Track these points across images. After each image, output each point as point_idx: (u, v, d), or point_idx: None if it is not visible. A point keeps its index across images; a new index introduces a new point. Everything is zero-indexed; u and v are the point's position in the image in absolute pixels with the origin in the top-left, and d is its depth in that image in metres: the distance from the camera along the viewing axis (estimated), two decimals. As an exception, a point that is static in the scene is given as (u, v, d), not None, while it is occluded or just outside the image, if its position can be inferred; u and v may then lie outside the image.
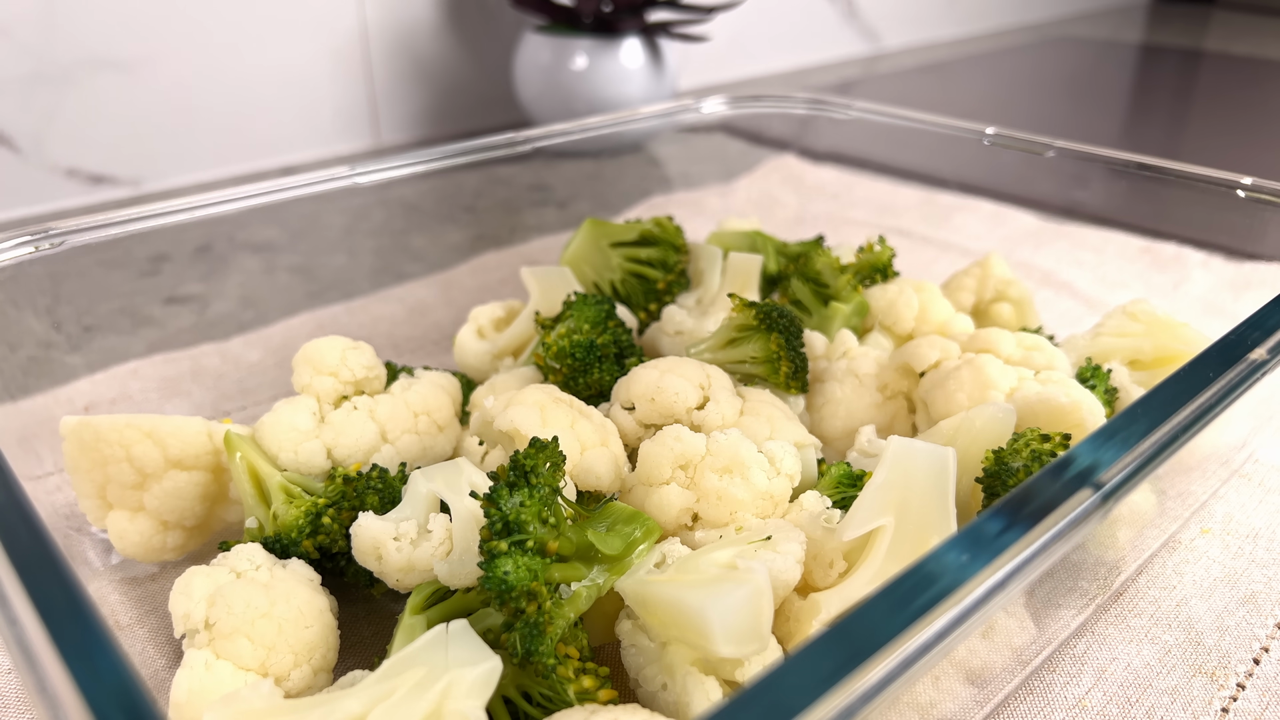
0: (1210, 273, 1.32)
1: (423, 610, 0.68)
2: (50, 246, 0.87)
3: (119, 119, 1.69)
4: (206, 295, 1.33)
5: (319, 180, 1.04)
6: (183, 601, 0.66)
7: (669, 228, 1.13)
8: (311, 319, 1.26)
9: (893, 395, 0.91)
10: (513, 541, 0.62)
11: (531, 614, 0.60)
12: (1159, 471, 0.53)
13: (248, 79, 1.81)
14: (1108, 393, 0.86)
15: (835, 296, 1.04)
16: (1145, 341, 0.93)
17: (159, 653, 0.73)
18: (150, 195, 1.75)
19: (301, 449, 0.80)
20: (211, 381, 1.11)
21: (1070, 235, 1.45)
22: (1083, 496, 0.49)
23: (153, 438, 0.78)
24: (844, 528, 0.64)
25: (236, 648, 0.63)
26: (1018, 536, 0.46)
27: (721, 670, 0.61)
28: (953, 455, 0.63)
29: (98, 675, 0.39)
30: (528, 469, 0.63)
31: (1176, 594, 0.79)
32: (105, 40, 1.63)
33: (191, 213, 0.95)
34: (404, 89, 2.03)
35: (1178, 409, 0.56)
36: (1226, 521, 0.87)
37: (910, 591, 0.42)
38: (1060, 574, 0.65)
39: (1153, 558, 0.82)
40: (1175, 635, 0.75)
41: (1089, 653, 0.73)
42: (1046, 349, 0.89)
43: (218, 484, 0.81)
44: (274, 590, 0.67)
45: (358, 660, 0.73)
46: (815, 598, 0.63)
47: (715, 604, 0.57)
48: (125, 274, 1.36)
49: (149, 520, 0.77)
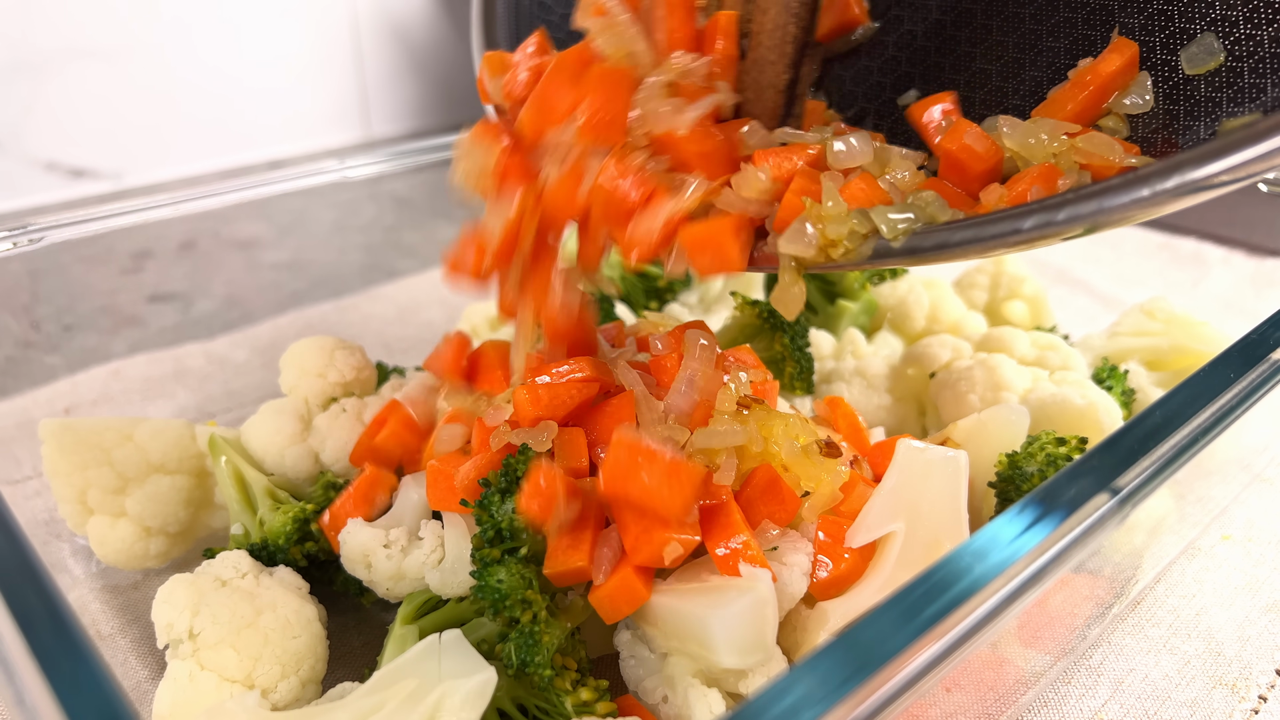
0: (1231, 269, 1.32)
1: (414, 620, 0.68)
2: (29, 242, 0.87)
3: (100, 110, 1.69)
4: (190, 293, 1.33)
5: (307, 174, 1.04)
6: (166, 610, 0.66)
7: (670, 223, 1.13)
8: (299, 318, 1.26)
9: (902, 397, 0.91)
10: (506, 549, 0.62)
11: (526, 624, 0.60)
12: (1178, 476, 0.53)
13: (234, 69, 1.81)
14: (1125, 394, 0.86)
15: (843, 294, 1.04)
16: (1163, 341, 0.93)
17: (141, 664, 0.72)
18: (132, 189, 1.75)
19: (288, 453, 0.80)
20: (196, 383, 1.11)
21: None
22: (1099, 501, 0.49)
23: (135, 441, 0.78)
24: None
25: (221, 658, 0.63)
26: (1032, 543, 0.46)
27: (724, 682, 0.60)
28: (965, 459, 0.63)
29: (78, 687, 0.39)
30: (518, 475, 0.63)
31: (1196, 603, 0.79)
32: (86, 28, 1.63)
33: (175, 207, 0.95)
34: (396, 79, 2.03)
35: (1197, 411, 0.56)
36: (1248, 527, 0.87)
37: (921, 600, 0.42)
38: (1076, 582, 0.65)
39: (1171, 565, 0.82)
40: (1195, 645, 0.74)
41: (1106, 663, 0.73)
42: (1061, 349, 0.89)
43: (202, 489, 0.81)
44: (260, 599, 0.67)
45: (347, 672, 0.73)
46: (823, 606, 0.63)
47: (717, 613, 0.57)
48: (106, 271, 1.36)
49: (131, 526, 0.77)
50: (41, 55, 1.61)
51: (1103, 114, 0.60)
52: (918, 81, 0.72)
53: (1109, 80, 0.59)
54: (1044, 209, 0.51)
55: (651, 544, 0.59)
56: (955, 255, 0.54)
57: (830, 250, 0.57)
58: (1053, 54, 0.65)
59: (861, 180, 0.59)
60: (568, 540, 0.62)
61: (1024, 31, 0.66)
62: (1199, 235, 1.40)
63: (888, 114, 0.72)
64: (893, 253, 0.56)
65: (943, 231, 0.55)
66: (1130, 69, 0.59)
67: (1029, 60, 0.66)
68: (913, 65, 0.72)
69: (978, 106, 0.68)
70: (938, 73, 0.70)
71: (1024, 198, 0.55)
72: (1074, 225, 0.49)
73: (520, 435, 0.65)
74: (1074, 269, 1.36)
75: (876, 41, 0.74)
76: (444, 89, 2.12)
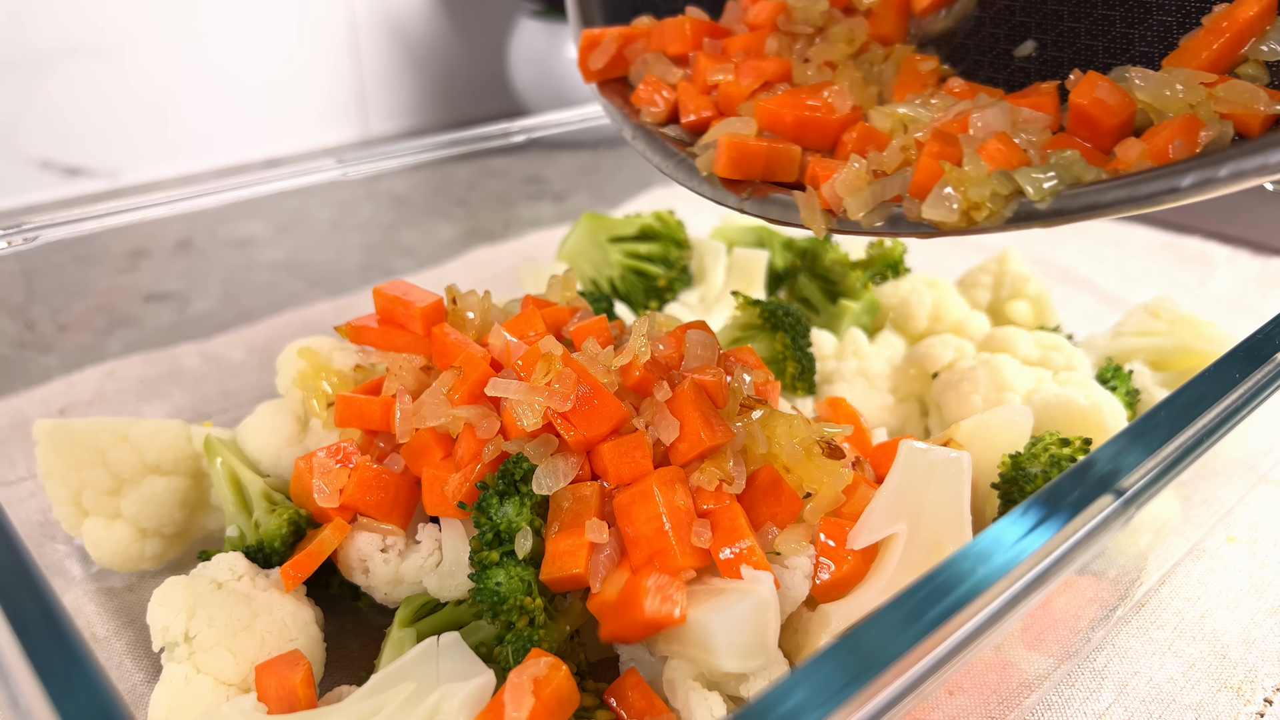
0: (1236, 269, 1.32)
1: (412, 623, 0.68)
2: (23, 241, 0.87)
3: (95, 108, 1.69)
4: (187, 292, 1.33)
5: (305, 172, 1.04)
6: (161, 613, 0.65)
7: (670, 222, 1.13)
8: (296, 317, 1.26)
9: (905, 397, 0.91)
10: (504, 551, 0.62)
11: (524, 626, 0.60)
12: (1183, 477, 0.53)
13: (230, 66, 1.81)
14: (1129, 394, 0.86)
15: (845, 294, 1.04)
16: (1168, 341, 0.93)
17: (137, 666, 0.72)
18: (128, 188, 1.75)
19: (285, 454, 0.80)
20: (192, 383, 1.11)
21: (1090, 230, 1.45)
22: (1104, 503, 0.49)
23: (130, 442, 0.78)
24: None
25: (218, 661, 0.63)
26: (1036, 545, 0.46)
27: (725, 685, 0.60)
28: (968, 460, 0.63)
29: (73, 690, 0.39)
30: (517, 477, 0.63)
31: (1201, 605, 0.79)
32: (81, 26, 1.63)
33: (171, 206, 0.95)
34: (393, 77, 2.03)
35: (1203, 412, 0.56)
36: (1254, 529, 0.87)
37: (924, 602, 0.42)
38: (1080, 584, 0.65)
39: (1176, 567, 0.82)
40: (1200, 648, 0.74)
41: (1110, 666, 0.73)
42: (1065, 349, 0.89)
43: (198, 490, 0.81)
44: (256, 602, 0.67)
45: (344, 675, 0.73)
46: (825, 609, 0.63)
47: (719, 617, 0.57)
48: (102, 270, 1.36)
49: (126, 528, 0.77)
50: (37, 53, 1.61)
51: (1239, 61, 0.57)
52: (1034, 31, 0.69)
53: (1247, 25, 0.56)
54: (1203, 165, 0.49)
55: (663, 569, 0.61)
56: (1103, 214, 0.53)
57: (973, 213, 0.56)
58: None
59: (999, 140, 0.58)
60: (565, 545, 0.61)
61: None
62: (1204, 234, 1.40)
63: (1003, 66, 0.70)
64: (1037, 214, 0.55)
65: (1091, 192, 0.54)
66: (1269, 13, 0.56)
67: (1155, 3, 0.63)
68: (1028, 14, 0.70)
69: (1101, 55, 0.65)
70: (1055, 21, 0.68)
71: (1164, 151, 0.53)
72: (1238, 181, 0.48)
73: (516, 445, 0.65)
74: (1078, 268, 1.36)
75: None
76: (442, 86, 2.12)
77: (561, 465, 0.64)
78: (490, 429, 0.66)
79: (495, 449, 0.65)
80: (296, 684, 0.61)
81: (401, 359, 0.77)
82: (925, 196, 0.58)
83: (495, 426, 0.66)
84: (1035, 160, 0.58)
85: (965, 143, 0.59)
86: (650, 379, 0.67)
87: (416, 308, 0.79)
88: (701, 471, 0.64)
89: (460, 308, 0.80)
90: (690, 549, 0.61)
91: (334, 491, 0.71)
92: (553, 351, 0.66)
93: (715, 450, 0.65)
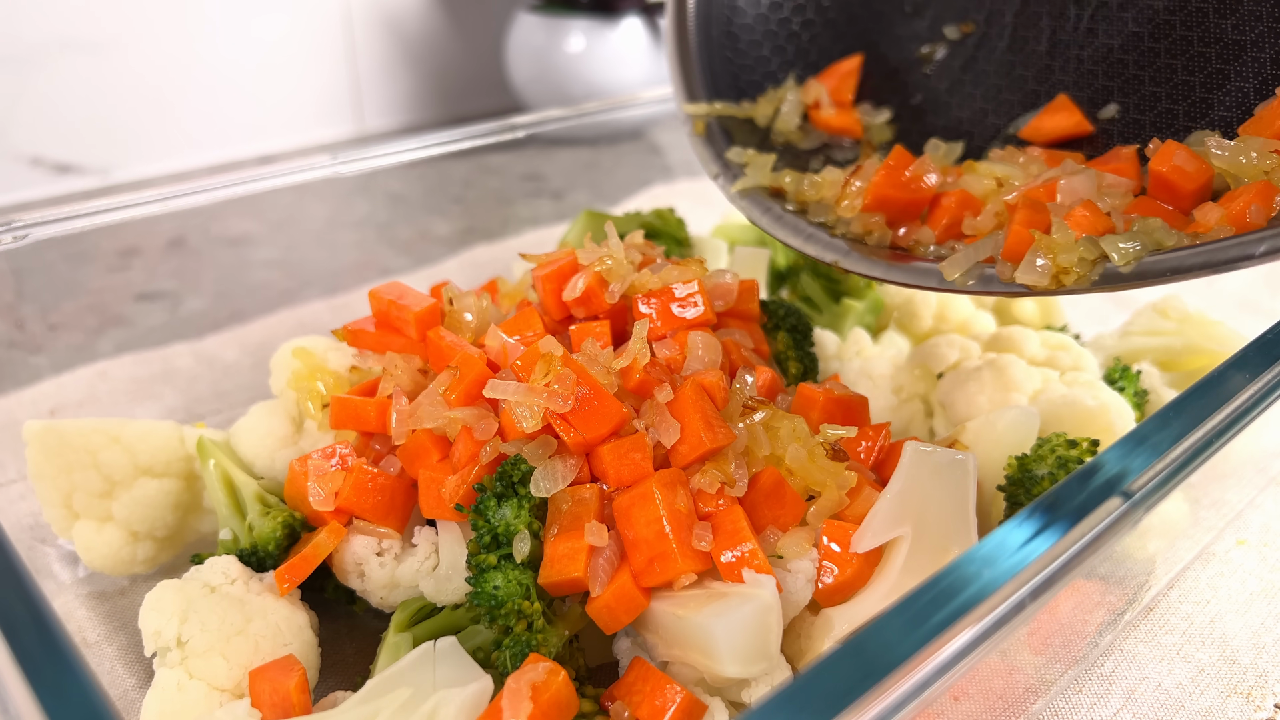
0: (1246, 267, 1.32)
1: (408, 627, 0.68)
2: (13, 240, 0.87)
3: (86, 104, 1.69)
4: (179, 291, 1.33)
5: (299, 169, 1.04)
6: (153, 617, 0.66)
7: (671, 220, 1.13)
8: (291, 317, 1.26)
9: (909, 398, 0.91)
10: (502, 555, 0.62)
11: (522, 631, 0.60)
12: (1192, 479, 0.53)
13: (223, 61, 1.81)
14: (1137, 395, 0.86)
15: (848, 293, 1.04)
16: (1177, 341, 0.93)
17: (128, 672, 0.72)
18: (120, 185, 1.75)
19: (279, 456, 0.80)
20: (184, 383, 1.11)
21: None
22: (1111, 506, 0.49)
23: (121, 443, 0.78)
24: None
25: (210, 667, 0.63)
26: (1042, 548, 0.46)
27: (727, 691, 0.61)
28: (973, 462, 0.63)
29: (63, 696, 0.39)
30: (515, 480, 0.63)
31: (1210, 609, 0.79)
32: (72, 20, 1.63)
33: (163, 204, 0.95)
34: (389, 72, 2.03)
35: (1212, 412, 0.56)
36: (1264, 532, 0.87)
37: (928, 606, 0.42)
38: (1087, 588, 0.65)
39: (1185, 571, 0.82)
40: (1209, 653, 0.75)
41: (1118, 671, 0.73)
42: (1072, 349, 0.89)
43: (190, 492, 0.81)
44: (250, 606, 0.67)
45: (340, 680, 0.73)
46: (827, 613, 0.63)
47: (720, 621, 0.57)
48: (93, 269, 1.36)
49: (118, 531, 0.77)
50: (27, 48, 1.61)
51: None
52: (1116, 95, 0.74)
53: None
54: (1275, 235, 0.55)
55: (664, 573, 0.61)
56: (1183, 278, 0.59)
57: (1062, 277, 0.62)
58: (1258, 64, 0.67)
59: (1084, 208, 0.64)
60: (564, 548, 0.61)
61: (1227, 43, 0.68)
62: (1213, 232, 1.40)
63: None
64: (1121, 277, 0.60)
65: (1174, 257, 0.59)
66: None
67: (1234, 72, 0.68)
68: (1110, 79, 0.75)
69: (1181, 119, 0.70)
70: (1137, 85, 0.73)
71: (1242, 215, 0.59)
72: None
73: (514, 447, 0.65)
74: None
75: (1069, 56, 0.77)
76: (438, 82, 2.12)
77: (560, 467, 0.64)
78: (488, 430, 0.66)
79: (493, 451, 0.65)
80: (291, 689, 0.61)
81: (398, 359, 0.77)
82: (1018, 261, 0.64)
83: (493, 428, 0.66)
84: (1119, 224, 0.63)
85: (1054, 210, 0.64)
86: (651, 380, 0.67)
87: (411, 312, 0.79)
88: (703, 474, 0.64)
89: (457, 309, 0.80)
90: (691, 552, 0.61)
91: (329, 494, 0.71)
92: (552, 352, 0.66)
93: (717, 452, 0.66)
